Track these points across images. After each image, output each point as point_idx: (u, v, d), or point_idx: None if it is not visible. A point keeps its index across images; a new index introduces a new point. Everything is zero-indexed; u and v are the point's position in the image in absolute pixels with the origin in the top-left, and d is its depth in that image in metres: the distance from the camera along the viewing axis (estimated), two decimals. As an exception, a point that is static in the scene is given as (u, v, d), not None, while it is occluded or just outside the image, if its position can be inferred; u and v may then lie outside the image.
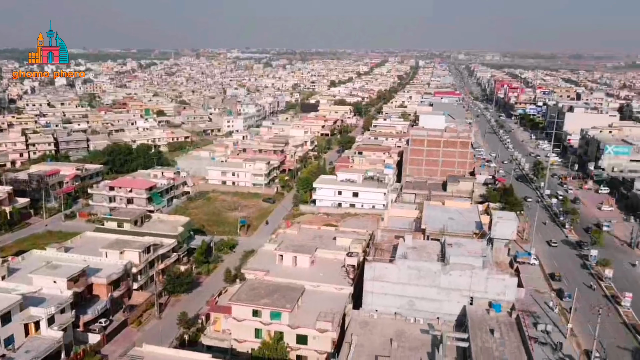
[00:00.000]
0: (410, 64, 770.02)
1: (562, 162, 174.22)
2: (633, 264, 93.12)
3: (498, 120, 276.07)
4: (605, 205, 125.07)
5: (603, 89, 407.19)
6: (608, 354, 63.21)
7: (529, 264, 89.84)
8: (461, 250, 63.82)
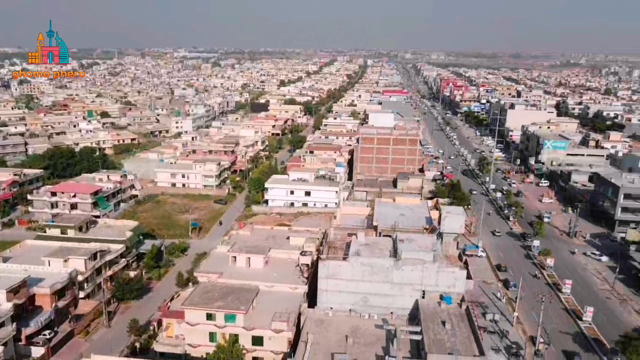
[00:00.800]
0: (359, 63, 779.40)
1: (506, 157, 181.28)
2: (572, 252, 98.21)
3: (445, 117, 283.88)
4: (545, 198, 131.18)
5: (541, 87, 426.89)
6: (551, 339, 66.34)
7: (477, 257, 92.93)
8: (412, 246, 65.17)
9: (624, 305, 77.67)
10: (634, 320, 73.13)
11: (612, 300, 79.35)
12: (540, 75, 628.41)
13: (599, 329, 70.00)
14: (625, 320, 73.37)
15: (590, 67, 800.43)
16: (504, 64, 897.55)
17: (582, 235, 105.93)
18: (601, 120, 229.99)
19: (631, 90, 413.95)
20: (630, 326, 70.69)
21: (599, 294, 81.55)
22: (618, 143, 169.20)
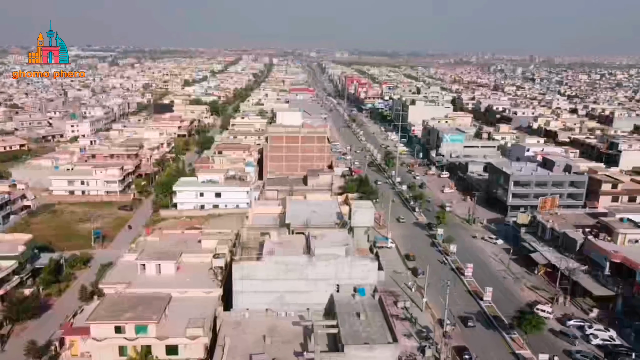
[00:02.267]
0: (265, 62, 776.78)
1: (409, 151, 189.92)
2: (474, 236, 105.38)
3: (350, 114, 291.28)
4: (447, 188, 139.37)
5: (438, 84, 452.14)
6: (457, 320, 70.68)
7: (387, 248, 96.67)
8: (325, 241, 66.22)
9: (518, 284, 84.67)
10: (527, 296, 79.97)
11: (507, 280, 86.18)
12: (436, 72, 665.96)
13: (498, 307, 75.72)
14: (520, 296, 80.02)
15: (480, 65, 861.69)
16: (403, 62, 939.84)
17: (480, 221, 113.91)
18: (492, 114, 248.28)
19: (516, 86, 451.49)
20: (524, 302, 77.24)
21: (496, 274, 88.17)
22: (507, 134, 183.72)
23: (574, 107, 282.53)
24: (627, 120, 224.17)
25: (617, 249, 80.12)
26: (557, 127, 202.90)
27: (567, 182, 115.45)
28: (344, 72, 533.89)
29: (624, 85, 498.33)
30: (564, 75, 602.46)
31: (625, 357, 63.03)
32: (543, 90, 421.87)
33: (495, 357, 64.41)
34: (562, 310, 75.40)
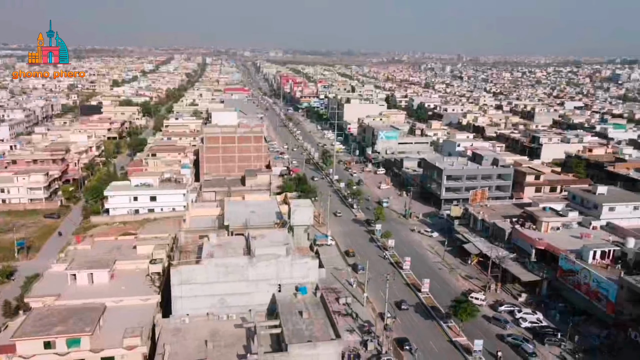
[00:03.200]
0: (198, 62, 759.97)
1: (346, 149, 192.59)
2: (412, 229, 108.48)
3: (287, 113, 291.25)
4: (383, 184, 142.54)
5: (372, 82, 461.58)
6: (397, 312, 72.53)
7: (327, 245, 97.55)
8: (265, 242, 65.85)
9: (453, 274, 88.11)
10: (461, 286, 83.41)
11: (443, 271, 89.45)
12: (370, 71, 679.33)
13: (435, 298, 78.44)
14: (455, 286, 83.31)
15: (411, 64, 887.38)
16: (337, 60, 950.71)
17: (416, 215, 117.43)
18: (424, 111, 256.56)
19: (445, 84, 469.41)
20: (459, 291, 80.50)
21: (433, 266, 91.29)
22: (439, 131, 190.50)
23: (499, 104, 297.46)
24: (547, 115, 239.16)
25: (541, 236, 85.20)
26: (485, 122, 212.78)
27: (495, 175, 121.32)
28: (279, 71, 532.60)
29: (543, 82, 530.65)
30: (489, 74, 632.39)
31: (551, 337, 67.20)
32: (470, 88, 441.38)
33: (434, 345, 66.69)
34: (494, 297, 79.26)
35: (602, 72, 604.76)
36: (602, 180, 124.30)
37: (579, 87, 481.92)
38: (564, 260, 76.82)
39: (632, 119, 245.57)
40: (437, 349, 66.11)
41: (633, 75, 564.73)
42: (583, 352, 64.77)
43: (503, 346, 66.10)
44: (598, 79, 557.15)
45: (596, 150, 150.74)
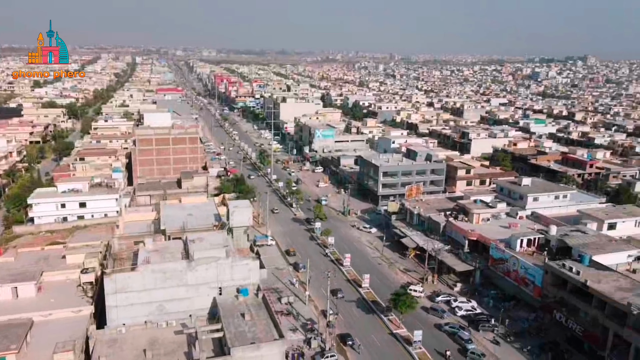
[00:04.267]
0: (127, 61, 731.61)
1: (283, 148, 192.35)
2: (353, 225, 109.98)
3: (222, 113, 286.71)
4: (321, 183, 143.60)
5: (307, 81, 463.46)
6: (339, 309, 73.34)
7: (267, 245, 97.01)
8: (204, 244, 64.52)
9: (392, 268, 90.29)
10: (400, 279, 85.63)
11: (382, 265, 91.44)
12: (305, 70, 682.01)
13: (376, 292, 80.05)
14: (394, 279, 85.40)
15: (345, 63, 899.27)
16: (272, 60, 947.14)
17: (355, 212, 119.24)
18: (359, 109, 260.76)
19: (379, 82, 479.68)
20: (398, 284, 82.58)
21: (372, 261, 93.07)
22: (374, 128, 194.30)
23: (430, 101, 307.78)
24: (475, 112, 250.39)
25: (473, 227, 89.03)
26: (418, 119, 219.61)
27: (429, 170, 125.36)
28: (213, 70, 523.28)
29: (470, 80, 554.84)
30: (420, 72, 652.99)
31: (485, 323, 70.48)
32: (403, 86, 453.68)
33: (376, 339, 68.06)
34: (431, 288, 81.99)
35: (523, 71, 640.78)
36: (526, 172, 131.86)
37: (503, 84, 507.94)
38: (494, 249, 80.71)
39: (550, 114, 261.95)
40: (379, 342, 67.50)
41: (550, 73, 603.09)
42: (514, 335, 68.47)
43: (441, 334, 68.57)
44: (520, 77, 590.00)
45: (520, 144, 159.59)
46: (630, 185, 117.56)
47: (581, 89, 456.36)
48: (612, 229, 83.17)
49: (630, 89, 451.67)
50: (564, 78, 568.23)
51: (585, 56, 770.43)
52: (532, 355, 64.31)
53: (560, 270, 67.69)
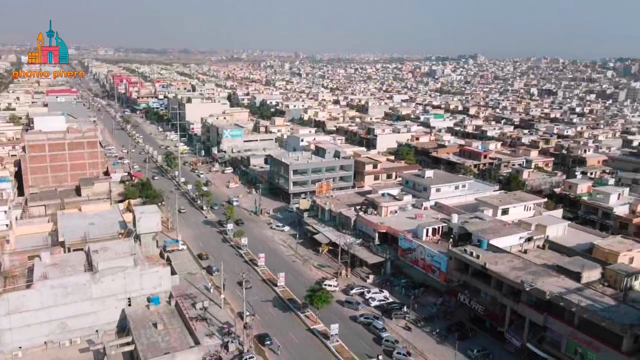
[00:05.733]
0: (11, 60, 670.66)
1: (191, 150, 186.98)
2: (269, 224, 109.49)
3: (123, 115, 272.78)
4: (232, 183, 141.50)
5: (212, 81, 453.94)
6: (256, 309, 72.78)
7: (178, 250, 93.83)
8: (109, 254, 61.11)
9: (307, 265, 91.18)
10: (315, 275, 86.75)
11: (297, 263, 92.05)
12: (210, 69, 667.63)
13: (292, 290, 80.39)
14: (309, 276, 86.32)
15: (251, 62, 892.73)
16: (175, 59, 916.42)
17: (267, 211, 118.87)
18: (266, 108, 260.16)
19: (285, 81, 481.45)
20: (313, 280, 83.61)
21: (287, 260, 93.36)
22: (282, 127, 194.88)
23: (336, 99, 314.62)
24: (379, 108, 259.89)
25: (382, 220, 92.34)
26: (325, 117, 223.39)
27: (338, 166, 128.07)
28: (111, 70, 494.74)
29: (373, 78, 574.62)
30: (325, 70, 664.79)
31: (397, 311, 73.49)
32: (309, 84, 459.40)
33: (294, 336, 68.42)
34: (345, 282, 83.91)
35: (421, 69, 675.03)
36: (428, 164, 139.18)
37: (403, 82, 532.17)
38: (403, 240, 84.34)
39: (448, 109, 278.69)
40: (297, 338, 67.93)
41: (446, 71, 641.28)
42: (424, 320, 72.09)
43: (357, 326, 70.48)
44: (418, 75, 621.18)
45: (422, 139, 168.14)
46: (519, 172, 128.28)
47: (473, 86, 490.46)
48: (505, 214, 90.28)
49: (515, 85, 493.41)
50: (458, 75, 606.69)
51: (475, 55, 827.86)
52: (440, 337, 68.07)
53: (462, 255, 72.26)
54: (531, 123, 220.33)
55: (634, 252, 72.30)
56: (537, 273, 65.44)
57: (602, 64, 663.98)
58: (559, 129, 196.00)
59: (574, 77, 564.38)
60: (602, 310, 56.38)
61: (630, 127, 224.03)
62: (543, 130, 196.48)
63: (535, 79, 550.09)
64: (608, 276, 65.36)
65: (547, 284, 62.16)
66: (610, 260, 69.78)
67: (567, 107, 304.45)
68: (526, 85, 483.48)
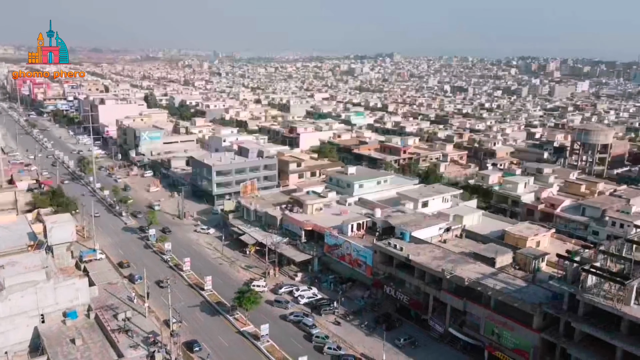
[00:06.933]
0: None
1: (107, 154, 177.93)
2: (189, 229, 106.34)
3: (29, 119, 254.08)
4: (152, 187, 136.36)
5: (127, 81, 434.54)
6: (183, 316, 70.75)
7: (97, 260, 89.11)
8: (17, 269, 56.77)
9: (234, 266, 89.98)
10: (243, 276, 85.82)
11: (224, 265, 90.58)
12: (124, 69, 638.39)
13: (219, 293, 78.99)
14: (237, 278, 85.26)
15: (168, 61, 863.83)
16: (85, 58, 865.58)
17: (191, 214, 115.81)
18: (186, 109, 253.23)
19: (205, 81, 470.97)
20: (241, 282, 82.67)
21: (213, 262, 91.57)
22: (203, 127, 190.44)
23: (257, 98, 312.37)
24: (300, 107, 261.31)
25: (308, 218, 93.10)
26: (247, 117, 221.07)
27: (262, 166, 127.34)
28: (11, 70, 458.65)
29: (294, 76, 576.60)
30: (245, 69, 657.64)
31: (326, 307, 74.51)
32: (230, 84, 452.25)
33: (223, 340, 67.34)
34: (274, 281, 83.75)
35: (340, 67, 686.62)
36: (351, 161, 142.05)
37: (324, 80, 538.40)
38: (329, 236, 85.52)
39: (367, 106, 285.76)
40: (226, 342, 66.89)
41: (364, 69, 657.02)
42: (352, 314, 73.65)
43: (287, 325, 70.58)
44: (338, 73, 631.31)
45: (344, 136, 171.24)
46: (436, 166, 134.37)
47: (391, 83, 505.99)
48: (426, 207, 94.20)
49: (430, 82, 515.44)
50: (376, 73, 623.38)
51: (392, 53, 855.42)
52: (368, 329, 69.88)
53: (387, 248, 74.56)
54: (446, 119, 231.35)
55: (539, 236, 78.20)
56: (456, 261, 68.96)
57: (507, 62, 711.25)
58: (471, 124, 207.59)
59: (482, 74, 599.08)
60: (514, 292, 60.49)
61: (533, 120, 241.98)
62: (457, 125, 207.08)
63: (447, 77, 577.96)
64: (518, 260, 70.20)
65: (466, 270, 65.69)
66: (519, 245, 74.96)
67: (477, 103, 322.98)
68: (440, 83, 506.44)
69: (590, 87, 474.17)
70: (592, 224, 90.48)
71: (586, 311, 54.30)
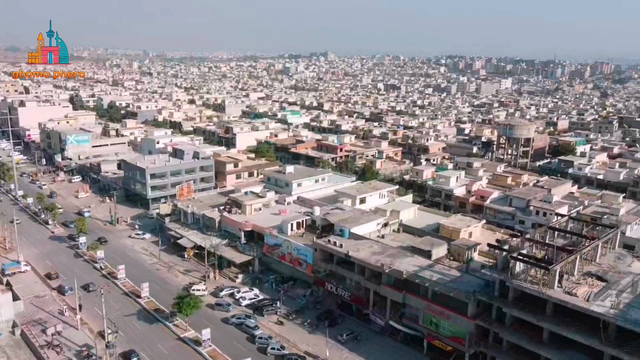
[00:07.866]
0: None
1: (29, 159, 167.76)
2: (124, 235, 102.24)
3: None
4: (81, 193, 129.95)
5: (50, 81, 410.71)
6: (119, 325, 67.93)
7: (21, 272, 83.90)
8: None
9: (172, 271, 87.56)
10: (182, 281, 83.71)
11: (161, 270, 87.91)
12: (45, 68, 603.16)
13: (158, 300, 76.58)
14: (175, 283, 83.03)
15: (94, 61, 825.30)
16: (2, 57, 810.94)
17: (124, 220, 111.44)
18: (116, 110, 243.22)
19: (135, 81, 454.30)
20: (180, 286, 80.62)
21: (150, 268, 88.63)
22: (135, 129, 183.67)
23: (191, 98, 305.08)
24: (236, 107, 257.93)
25: (247, 219, 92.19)
26: (181, 117, 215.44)
27: (198, 167, 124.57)
28: None
29: (228, 76, 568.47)
30: (178, 69, 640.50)
31: (268, 307, 74.24)
32: (162, 84, 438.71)
33: (163, 347, 65.44)
34: (214, 285, 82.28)
35: (275, 66, 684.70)
36: (288, 160, 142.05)
37: (259, 79, 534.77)
38: (269, 236, 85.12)
39: (303, 105, 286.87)
40: (166, 350, 65.06)
41: (299, 68, 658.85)
42: (295, 313, 73.79)
43: (229, 328, 69.62)
44: (273, 72, 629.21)
45: (281, 135, 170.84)
46: (372, 163, 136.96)
47: (326, 82, 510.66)
48: (363, 203, 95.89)
49: (364, 80, 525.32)
50: (310, 72, 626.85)
51: (326, 52, 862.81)
52: (311, 326, 70.28)
53: (327, 246, 75.26)
54: (380, 116, 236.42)
55: (472, 227, 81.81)
56: (394, 255, 70.79)
57: (436, 61, 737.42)
58: (405, 121, 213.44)
59: (413, 72, 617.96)
60: (449, 282, 62.96)
61: (462, 116, 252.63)
62: (391, 123, 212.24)
63: (380, 75, 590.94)
64: (453, 251, 73.07)
65: (404, 264, 67.60)
66: (454, 237, 78.04)
67: (410, 100, 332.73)
68: (373, 81, 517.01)
69: (513, 84, 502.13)
70: (518, 213, 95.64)
71: (515, 296, 57.48)
